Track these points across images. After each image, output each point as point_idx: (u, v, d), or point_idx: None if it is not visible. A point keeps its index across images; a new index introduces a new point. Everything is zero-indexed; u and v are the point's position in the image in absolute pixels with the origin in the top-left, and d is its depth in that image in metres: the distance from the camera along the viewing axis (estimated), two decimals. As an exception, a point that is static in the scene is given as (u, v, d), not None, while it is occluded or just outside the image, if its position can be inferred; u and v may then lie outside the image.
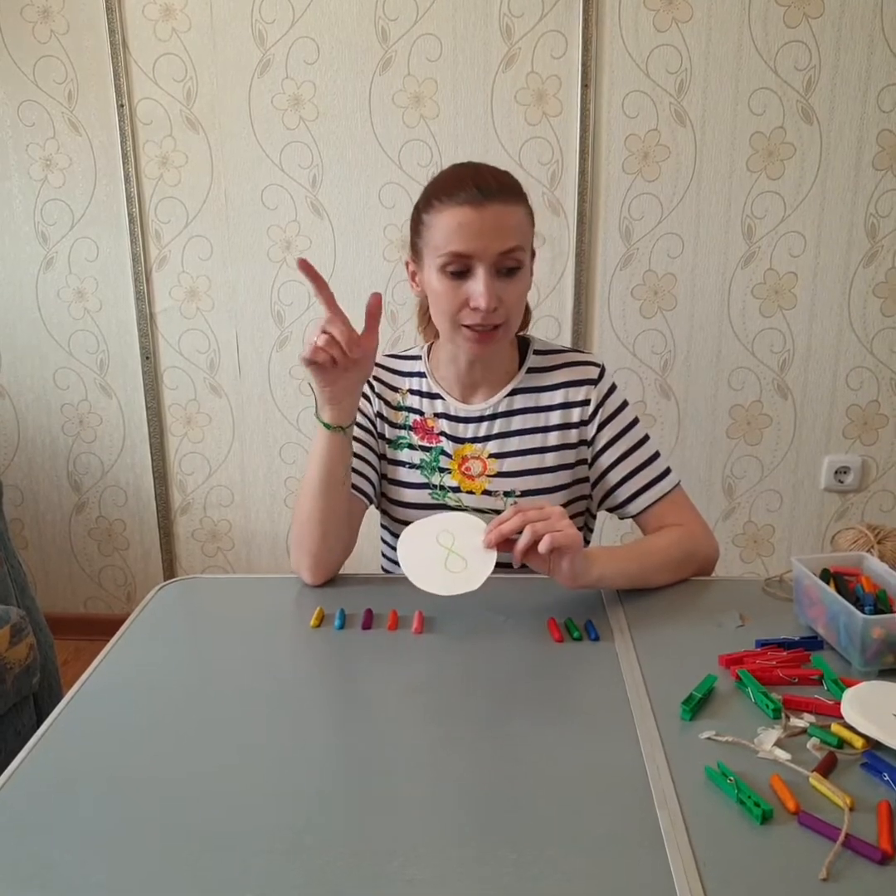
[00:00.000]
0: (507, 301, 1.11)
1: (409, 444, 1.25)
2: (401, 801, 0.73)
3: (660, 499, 1.21)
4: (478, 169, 1.12)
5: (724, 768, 0.74)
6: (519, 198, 1.12)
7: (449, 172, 1.14)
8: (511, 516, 1.00)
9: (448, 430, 1.24)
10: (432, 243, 1.11)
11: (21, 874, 0.66)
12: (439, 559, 1.01)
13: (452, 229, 1.08)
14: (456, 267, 1.09)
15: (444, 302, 1.12)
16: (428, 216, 1.11)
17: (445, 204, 1.09)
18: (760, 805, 0.69)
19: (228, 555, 2.41)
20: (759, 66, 1.96)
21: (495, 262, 1.09)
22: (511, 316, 1.13)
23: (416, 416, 1.25)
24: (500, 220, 1.08)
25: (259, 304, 2.21)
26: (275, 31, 2.03)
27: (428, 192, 1.13)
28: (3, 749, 1.57)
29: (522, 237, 1.11)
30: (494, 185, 1.09)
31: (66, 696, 0.89)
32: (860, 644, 0.89)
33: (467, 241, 1.07)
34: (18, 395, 2.35)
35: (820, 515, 2.24)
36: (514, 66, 2.00)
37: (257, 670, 0.94)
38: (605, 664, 0.94)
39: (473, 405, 1.24)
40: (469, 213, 1.07)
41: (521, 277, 1.12)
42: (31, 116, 2.14)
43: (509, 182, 1.12)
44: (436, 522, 1.05)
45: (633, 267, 2.10)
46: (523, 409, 1.23)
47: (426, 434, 1.24)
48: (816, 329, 2.11)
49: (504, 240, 1.08)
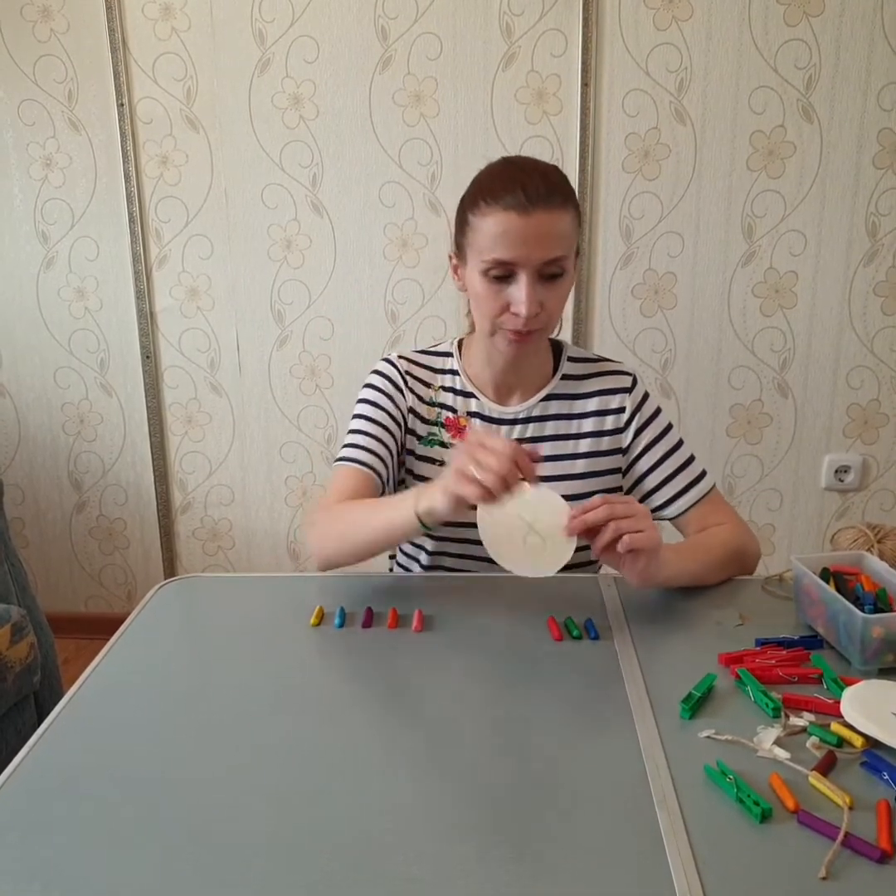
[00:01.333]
0: (549, 306, 1.10)
1: (441, 442, 1.24)
2: (401, 799, 0.73)
3: (699, 500, 1.22)
4: (526, 169, 1.09)
5: (724, 767, 0.74)
6: (566, 201, 1.08)
7: (498, 170, 1.12)
8: (598, 505, 0.97)
9: (481, 430, 1.23)
10: (476, 246, 1.10)
11: (22, 873, 0.66)
12: (519, 535, 0.97)
13: (497, 235, 1.06)
14: (499, 272, 1.08)
15: (485, 305, 1.11)
16: (473, 217, 1.09)
17: (491, 207, 1.07)
18: (759, 804, 0.69)
19: (229, 553, 2.41)
20: (759, 64, 1.95)
21: (538, 270, 1.07)
22: (552, 320, 1.13)
23: (449, 414, 1.24)
24: (546, 228, 1.06)
25: (259, 303, 2.21)
26: (275, 29, 2.03)
27: (475, 190, 1.11)
28: (3, 748, 1.57)
29: (567, 244, 1.09)
30: (543, 189, 1.06)
31: (67, 695, 0.89)
32: (860, 643, 0.89)
33: (511, 249, 1.06)
34: (19, 394, 2.35)
35: (820, 514, 2.24)
36: (514, 64, 2.00)
37: (257, 669, 0.94)
38: (605, 663, 0.94)
39: (508, 407, 1.24)
40: (514, 220, 1.05)
41: (564, 283, 1.11)
42: (31, 115, 2.14)
43: (557, 184, 1.09)
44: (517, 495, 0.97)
45: (634, 266, 2.10)
46: (557, 415, 1.23)
47: (458, 432, 1.24)
48: (817, 328, 2.11)
49: (549, 249, 1.06)
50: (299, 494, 2.33)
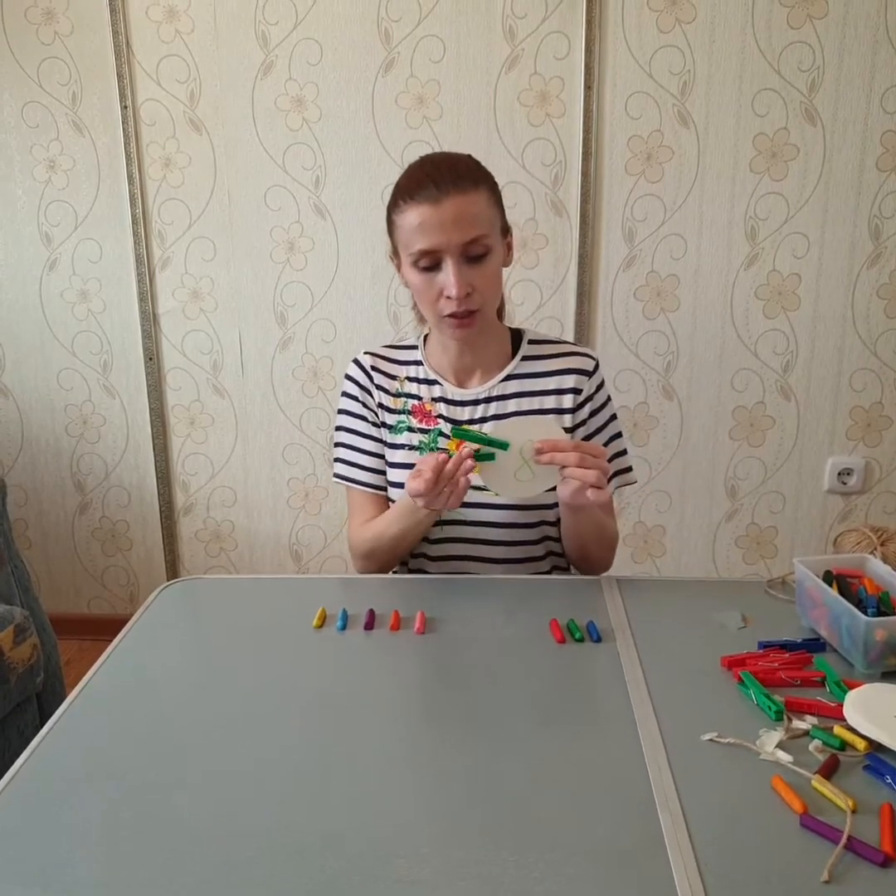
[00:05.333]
0: (480, 286, 1.16)
1: (409, 427, 1.30)
2: (402, 801, 0.73)
3: (617, 489, 1.31)
4: (434, 164, 1.17)
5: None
6: (477, 184, 1.15)
7: (409, 172, 1.20)
8: (568, 449, 1.07)
9: (446, 412, 1.29)
10: (403, 242, 1.18)
11: (24, 873, 0.66)
12: (512, 468, 1.09)
13: (415, 228, 1.14)
14: (426, 262, 1.15)
15: (422, 295, 1.19)
16: (396, 216, 1.18)
17: (408, 204, 1.15)
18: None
19: (231, 555, 2.41)
20: (762, 67, 1.95)
21: (462, 252, 1.14)
22: (486, 299, 1.19)
23: (415, 401, 1.30)
24: (459, 211, 1.12)
25: (262, 305, 2.21)
26: (278, 32, 2.04)
27: (394, 192, 1.19)
28: (6, 749, 1.57)
29: (486, 223, 1.15)
30: (449, 178, 1.13)
31: (70, 697, 0.90)
32: (863, 646, 0.89)
33: (430, 238, 1.13)
34: (22, 396, 2.35)
35: (823, 517, 2.24)
36: (517, 67, 2.00)
37: (259, 670, 0.94)
38: (607, 665, 0.94)
39: (469, 389, 1.29)
40: (427, 211, 1.12)
41: (490, 261, 1.17)
42: (34, 118, 2.15)
43: (465, 170, 1.16)
44: (528, 428, 1.11)
45: (636, 268, 2.10)
46: (518, 393, 1.28)
47: (424, 417, 1.30)
48: (820, 330, 2.10)
49: (466, 230, 1.13)
50: (302, 496, 2.33)
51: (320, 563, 2.37)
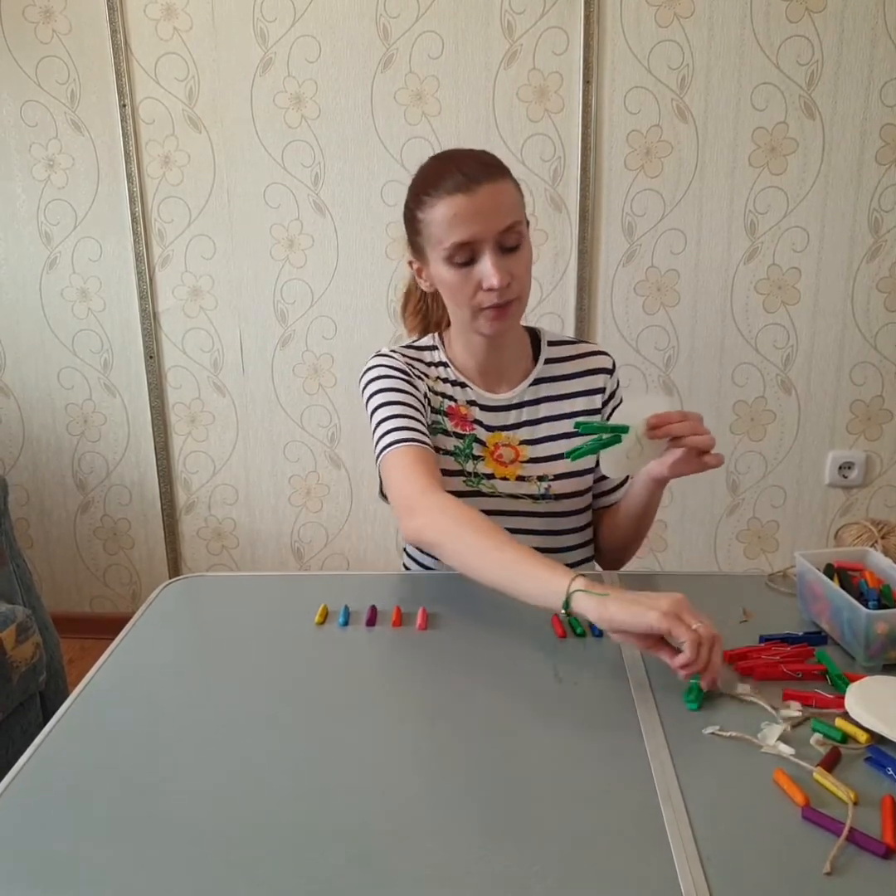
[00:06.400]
0: (517, 275, 1.12)
1: (444, 430, 1.24)
2: (404, 797, 0.73)
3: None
4: (456, 156, 1.15)
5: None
6: (504, 173, 1.13)
7: (430, 166, 1.16)
8: (679, 420, 1.06)
9: (481, 418, 1.25)
10: (433, 239, 1.12)
11: (26, 872, 0.66)
12: (625, 449, 1.05)
13: (449, 220, 1.09)
14: (462, 257, 1.11)
15: (459, 291, 1.13)
16: (422, 213, 1.12)
17: (435, 197, 1.10)
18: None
19: (233, 553, 2.42)
20: (761, 61, 1.95)
21: (498, 241, 1.10)
22: (523, 289, 1.15)
23: (451, 403, 1.25)
24: (494, 199, 1.09)
25: (262, 302, 2.21)
26: (276, 29, 2.03)
27: (415, 190, 1.15)
28: (9, 747, 1.58)
29: (517, 211, 1.13)
30: (477, 166, 1.10)
31: (72, 695, 0.90)
32: (864, 639, 0.89)
33: (467, 228, 1.09)
34: (23, 395, 2.35)
35: (824, 511, 2.24)
36: (516, 62, 2.00)
37: (262, 667, 0.95)
38: (609, 660, 0.94)
39: (500, 395, 1.26)
40: (461, 200, 1.08)
41: (525, 250, 1.14)
42: (33, 117, 2.15)
43: (490, 160, 1.14)
44: (639, 407, 1.08)
45: (636, 263, 2.10)
46: (547, 397, 1.26)
47: (460, 421, 1.25)
48: (820, 324, 2.10)
49: (502, 218, 1.09)
50: (303, 493, 2.33)
51: (322, 561, 2.37)
